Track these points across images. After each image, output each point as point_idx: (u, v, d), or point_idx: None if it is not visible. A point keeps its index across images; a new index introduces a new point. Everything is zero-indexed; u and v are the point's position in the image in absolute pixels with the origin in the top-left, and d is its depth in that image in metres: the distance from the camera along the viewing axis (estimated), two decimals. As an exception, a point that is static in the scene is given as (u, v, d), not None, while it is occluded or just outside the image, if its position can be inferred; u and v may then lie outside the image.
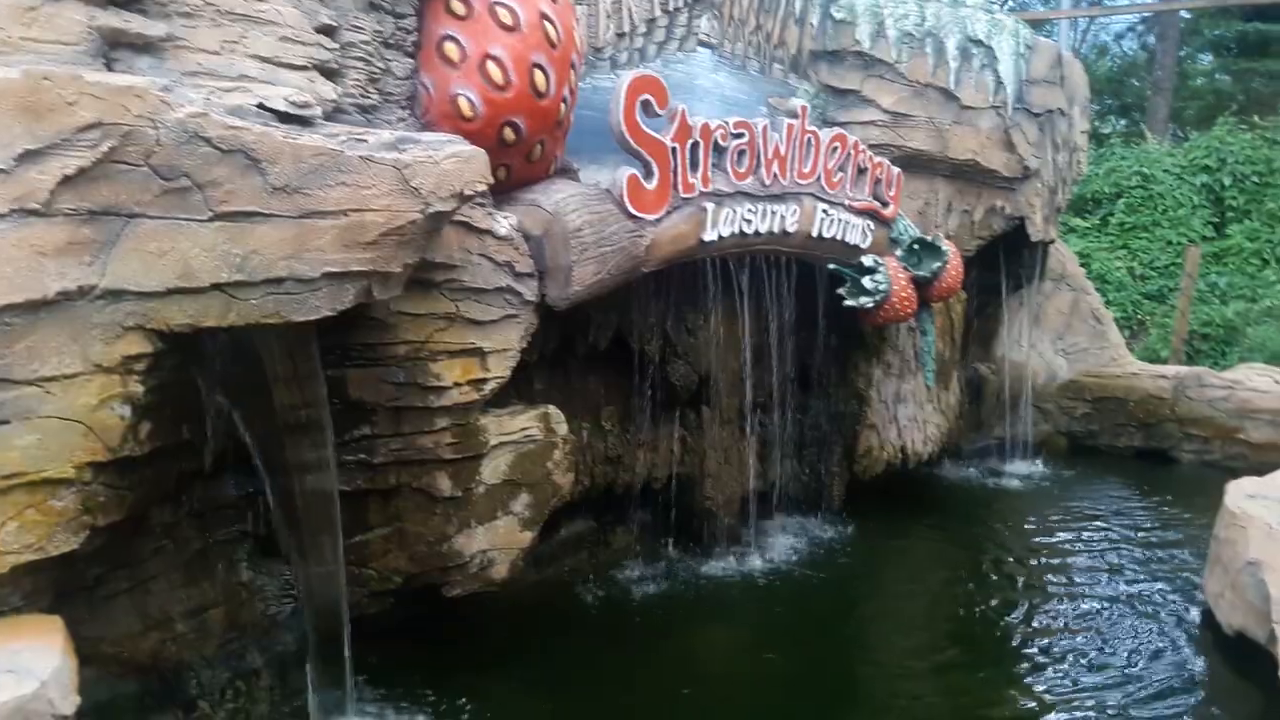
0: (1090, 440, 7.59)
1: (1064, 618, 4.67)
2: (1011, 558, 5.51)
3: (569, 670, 4.01)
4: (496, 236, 3.54)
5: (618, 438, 4.81)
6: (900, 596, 5.18)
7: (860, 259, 5.09)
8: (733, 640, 4.53)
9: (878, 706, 4.00)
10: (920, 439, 6.15)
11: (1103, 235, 13.75)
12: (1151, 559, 5.40)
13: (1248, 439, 6.94)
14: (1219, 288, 12.33)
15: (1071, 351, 7.85)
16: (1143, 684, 4.02)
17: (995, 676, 4.17)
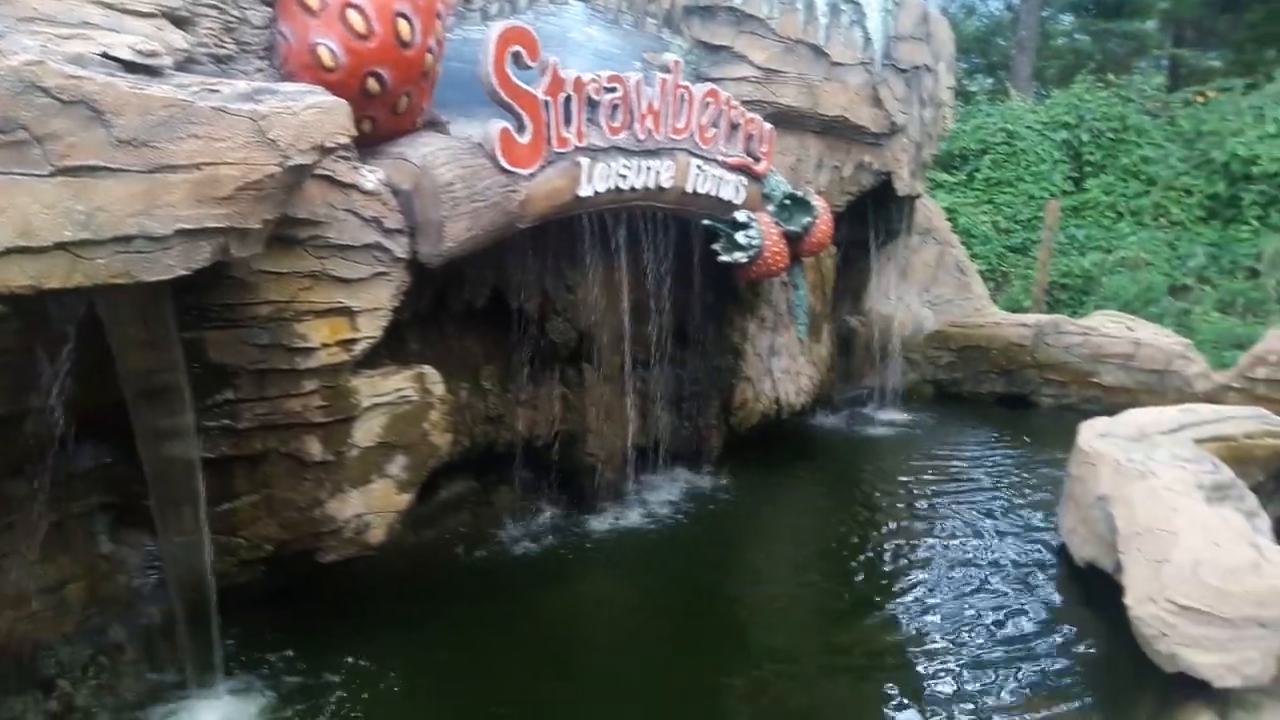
0: (955, 388, 7.87)
1: (931, 556, 4.86)
2: (881, 501, 5.70)
3: (450, 631, 3.98)
4: (363, 191, 3.44)
5: (498, 397, 4.78)
6: (776, 542, 5.31)
7: (734, 215, 5.14)
8: (615, 592, 4.58)
9: (756, 649, 4.10)
10: (794, 390, 6.28)
11: (969, 190, 14.21)
12: (1012, 498, 5.66)
13: (1101, 382, 7.30)
14: (1077, 240, 12.89)
15: (937, 303, 8.11)
16: (1003, 615, 4.24)
17: (866, 614, 4.32)
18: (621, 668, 3.91)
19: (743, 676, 3.82)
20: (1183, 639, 3.08)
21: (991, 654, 3.93)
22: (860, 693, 3.71)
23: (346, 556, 3.75)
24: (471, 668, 3.76)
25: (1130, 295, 11.24)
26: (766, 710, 3.58)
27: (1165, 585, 3.15)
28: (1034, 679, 3.74)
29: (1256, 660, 3.04)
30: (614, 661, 3.96)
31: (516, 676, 3.71)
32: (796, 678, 3.83)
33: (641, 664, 3.94)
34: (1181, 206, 12.89)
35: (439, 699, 3.58)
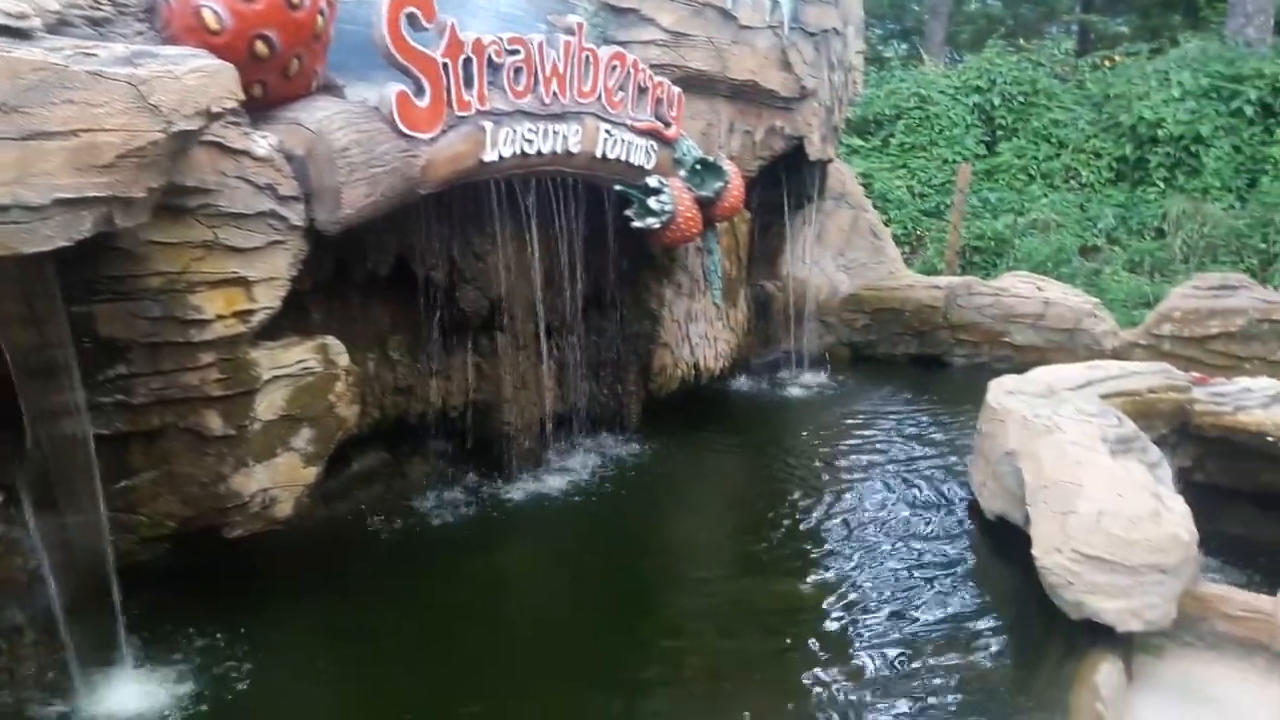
0: (870, 350, 7.97)
1: (847, 514, 4.92)
2: (800, 462, 5.75)
3: (363, 605, 3.93)
4: (255, 157, 3.33)
5: (407, 367, 4.69)
6: (696, 505, 5.34)
7: (645, 180, 5.10)
8: (534, 560, 4.57)
9: (677, 611, 4.13)
10: (712, 355, 6.29)
11: (884, 155, 14.35)
12: (926, 455, 5.76)
13: (1012, 341, 7.45)
14: (990, 203, 13.11)
15: (852, 267, 8.18)
16: (917, 568, 4.32)
17: (785, 572, 4.37)
18: (541, 634, 3.89)
19: (664, 638, 3.84)
20: (1087, 586, 3.15)
21: (907, 607, 4.00)
22: (780, 647, 3.76)
23: (254, 532, 3.68)
24: (386, 641, 3.71)
25: (1042, 256, 11.47)
26: (688, 670, 3.60)
27: (1070, 536, 3.22)
28: (948, 630, 3.81)
29: (1158, 605, 3.13)
30: (534, 629, 3.95)
31: (434, 648, 3.67)
32: (717, 637, 3.85)
33: (561, 630, 3.93)
34: (1091, 169, 13.18)
35: (352, 674, 3.53)
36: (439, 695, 3.37)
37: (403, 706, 3.30)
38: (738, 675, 3.59)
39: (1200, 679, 3.25)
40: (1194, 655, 3.36)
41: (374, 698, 3.38)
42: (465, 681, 3.46)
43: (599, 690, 3.46)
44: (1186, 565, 3.15)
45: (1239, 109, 12.33)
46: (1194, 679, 3.26)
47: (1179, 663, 3.34)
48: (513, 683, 3.46)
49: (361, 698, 3.39)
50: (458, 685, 3.43)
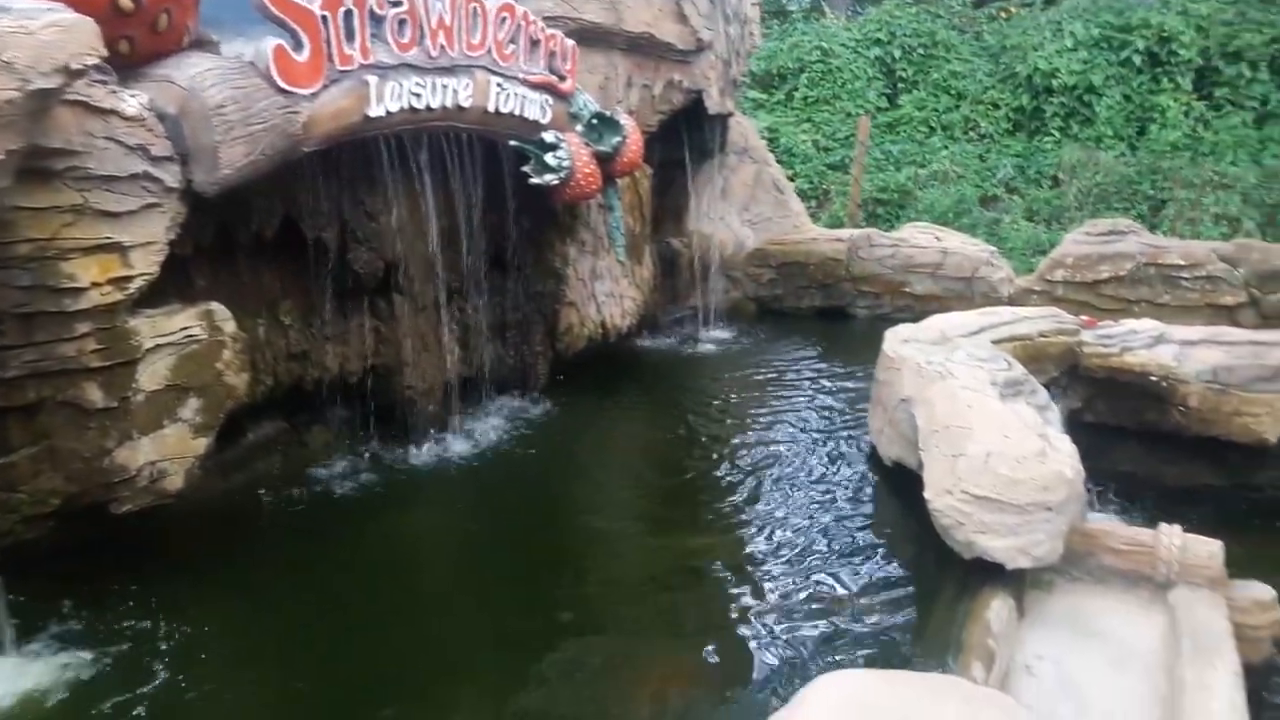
0: (776, 304, 8.02)
1: (755, 466, 4.97)
2: (708, 417, 5.78)
3: (262, 577, 3.84)
4: (124, 117, 3.18)
5: (300, 332, 4.58)
6: (606, 464, 5.34)
7: (541, 135, 5.02)
8: (441, 525, 4.53)
9: (584, 568, 4.13)
10: (619, 313, 6.26)
11: (789, 109, 14.40)
12: (830, 406, 5.84)
13: (912, 291, 7.57)
14: (893, 155, 13.26)
15: (757, 221, 8.21)
16: (822, 516, 4.40)
17: (695, 527, 4.41)
18: (450, 599, 3.87)
19: (575, 597, 3.84)
20: (977, 526, 3.22)
21: (812, 554, 4.07)
22: (689, 600, 3.80)
23: (144, 507, 3.57)
24: (288, 614, 3.64)
25: (944, 207, 11.66)
26: (601, 626, 3.63)
27: (960, 477, 3.29)
28: (851, 574, 3.90)
29: (1044, 542, 3.21)
30: (442, 594, 3.92)
31: (339, 619, 3.61)
32: (629, 591, 3.88)
33: (471, 593, 3.91)
34: (989, 120, 13.40)
35: (252, 650, 3.46)
36: (344, 668, 3.32)
37: (307, 681, 3.25)
38: (650, 627, 3.62)
39: (1087, 611, 3.36)
40: (1082, 589, 3.46)
41: (275, 673, 3.32)
42: (373, 652, 3.40)
43: (510, 652, 3.45)
44: (1072, 502, 3.24)
45: (1128, 59, 12.63)
46: (1081, 612, 3.36)
47: (1068, 597, 3.44)
48: (423, 651, 3.43)
49: (263, 673, 3.32)
50: (364, 656, 3.38)
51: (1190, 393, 4.59)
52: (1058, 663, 3.08)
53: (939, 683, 2.23)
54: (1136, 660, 3.09)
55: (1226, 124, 11.94)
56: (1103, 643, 3.19)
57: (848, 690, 2.06)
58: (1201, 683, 2.79)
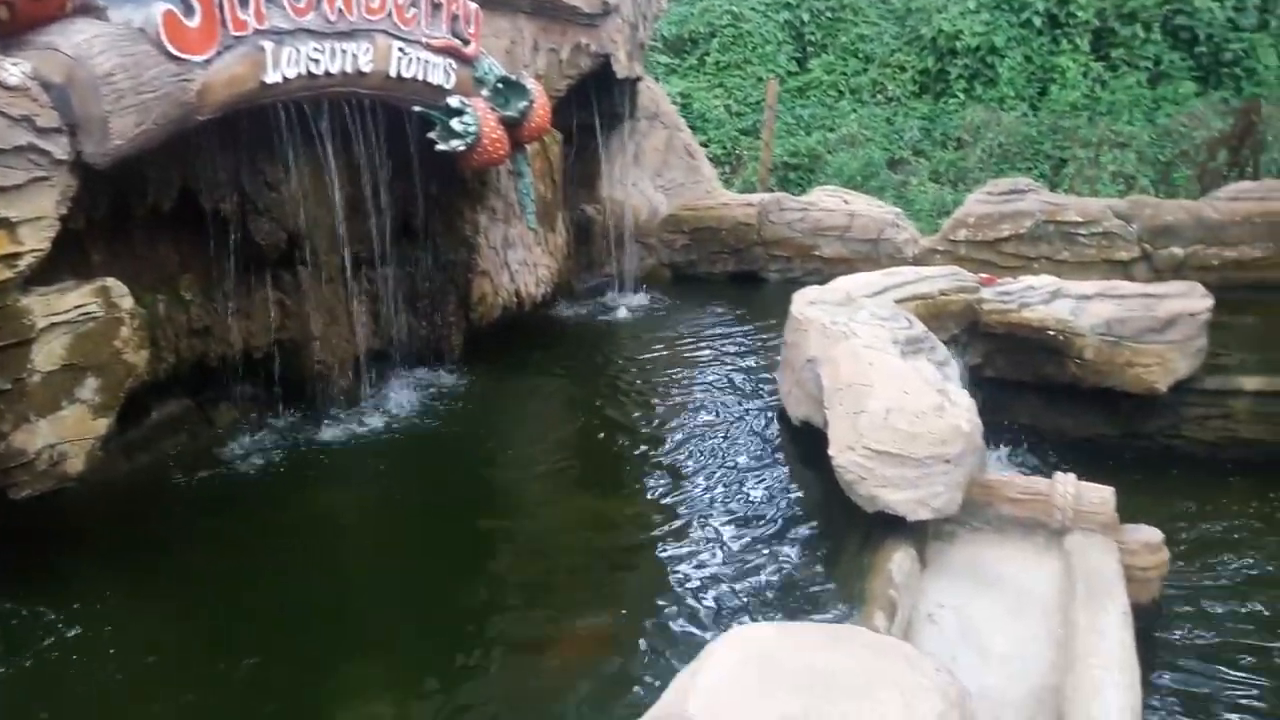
0: (691, 269, 8.06)
1: (670, 429, 5.02)
2: (625, 384, 5.82)
3: (172, 560, 3.77)
4: (6, 87, 3.07)
5: (202, 307, 4.48)
6: (524, 434, 5.33)
7: (446, 101, 4.96)
8: (354, 501, 4.48)
9: (502, 538, 4.15)
10: (533, 281, 6.25)
11: (701, 74, 14.39)
12: (742, 368, 5.91)
13: (822, 254, 7.66)
14: (803, 119, 13.36)
15: (670, 187, 8.22)
16: (734, 476, 4.48)
17: (611, 489, 4.47)
18: (364, 576, 3.86)
19: (494, 566, 3.87)
20: (879, 481, 3.30)
21: (725, 514, 4.14)
22: (604, 564, 3.85)
23: (44, 490, 3.48)
24: (198, 597, 3.58)
25: (853, 170, 11.81)
26: (514, 596, 3.64)
27: (862, 434, 3.36)
28: (763, 532, 3.97)
29: (943, 493, 3.31)
30: (355, 570, 3.90)
31: (250, 600, 3.56)
32: (546, 558, 3.90)
33: (385, 569, 3.90)
34: (896, 82, 13.56)
35: (161, 635, 3.40)
36: (257, 649, 3.28)
37: (218, 665, 3.20)
38: (566, 593, 3.65)
39: (987, 560, 3.48)
40: (982, 538, 3.59)
41: (184, 655, 3.27)
42: (287, 633, 3.38)
43: (425, 623, 3.46)
44: (970, 455, 3.34)
45: (1028, 20, 12.86)
46: (982, 560, 3.48)
47: (968, 546, 3.56)
48: (337, 626, 3.42)
49: (171, 655, 3.26)
50: (278, 638, 3.36)
51: (1085, 346, 4.75)
52: (959, 610, 3.19)
53: (840, 632, 2.30)
54: (1034, 605, 3.22)
55: (1122, 84, 12.27)
56: (1001, 589, 3.31)
57: (750, 644, 2.11)
58: (1093, 624, 2.91)
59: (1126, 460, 4.89)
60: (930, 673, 2.07)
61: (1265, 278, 6.70)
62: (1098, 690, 2.60)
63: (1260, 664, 3.46)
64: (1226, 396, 4.83)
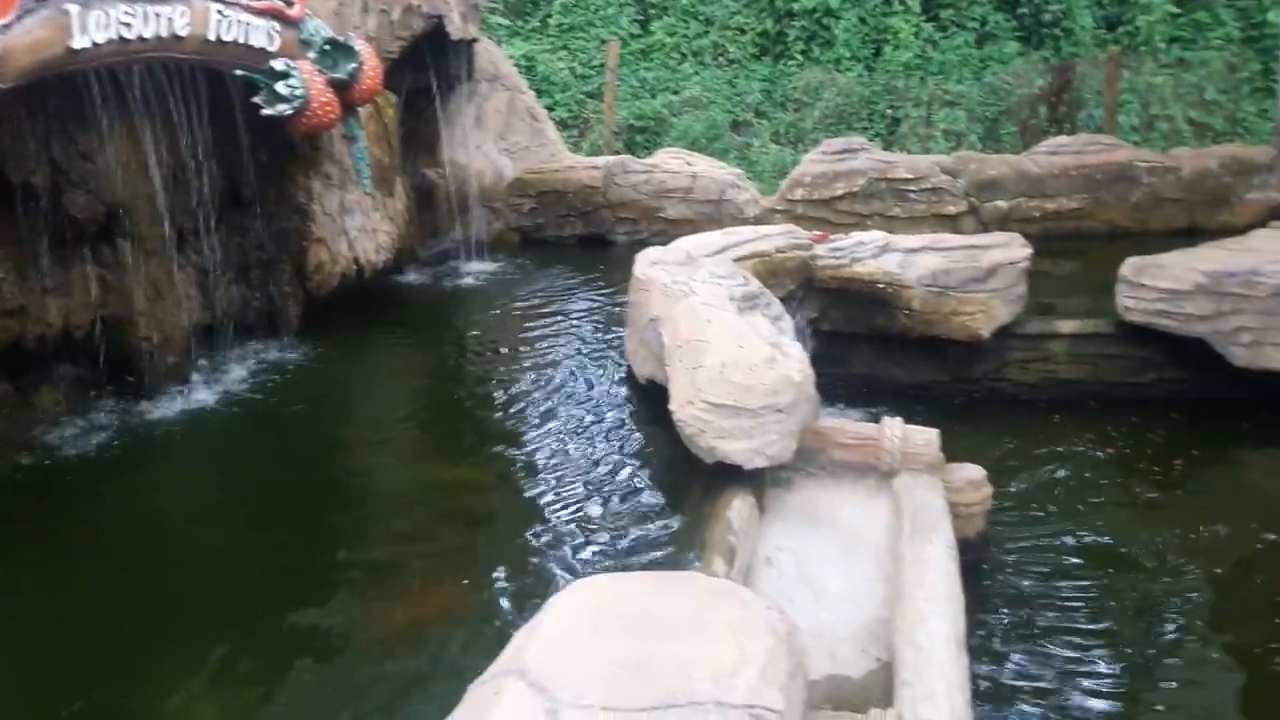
0: (539, 233, 8.02)
1: (520, 393, 5.00)
2: (473, 350, 5.78)
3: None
4: None
5: (15, 285, 4.24)
6: (368, 405, 5.24)
7: (270, 64, 4.79)
8: (188, 482, 4.35)
9: (349, 513, 4.07)
10: (372, 248, 6.11)
11: (544, 37, 14.27)
12: (591, 330, 5.93)
13: (667, 216, 7.73)
14: (648, 82, 13.42)
15: (514, 151, 8.15)
16: (583, 435, 4.51)
17: (462, 457, 4.46)
18: (196, 560, 3.72)
19: (341, 542, 3.78)
20: (717, 432, 3.38)
21: (576, 473, 4.16)
22: (457, 532, 3.84)
23: None
24: (18, 583, 3.42)
25: (698, 133, 11.95)
26: (371, 569, 3.58)
27: (700, 388, 3.43)
28: (612, 489, 4.02)
29: (778, 441, 3.41)
30: (188, 555, 3.76)
31: (79, 592, 3.41)
32: (398, 530, 3.85)
33: (220, 553, 3.76)
34: (737, 45, 13.74)
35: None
36: (91, 644, 3.15)
37: (46, 664, 3.06)
38: (416, 560, 3.62)
39: (823, 503, 3.62)
40: (818, 483, 3.72)
41: (9, 647, 3.12)
42: (119, 626, 3.24)
43: (266, 602, 3.37)
44: (801, 403, 3.45)
45: (863, -18, 13.23)
46: (818, 504, 3.62)
47: (804, 492, 3.69)
48: (169, 616, 3.30)
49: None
50: (110, 631, 3.22)
51: (913, 297, 4.96)
52: (796, 553, 3.31)
53: (675, 579, 2.36)
54: (865, 544, 3.36)
55: (952, 44, 12.75)
56: (836, 530, 3.45)
57: (587, 596, 2.15)
58: (919, 558, 3.06)
59: (956, 404, 5.15)
60: (761, 611, 2.15)
61: (1081, 227, 7.13)
62: (923, 620, 2.73)
63: (1080, 589, 3.71)
64: (1045, 340, 5.14)
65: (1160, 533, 4.04)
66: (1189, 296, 4.73)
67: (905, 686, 2.45)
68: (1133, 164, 7.19)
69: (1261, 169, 7.18)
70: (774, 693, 1.91)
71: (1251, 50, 12.11)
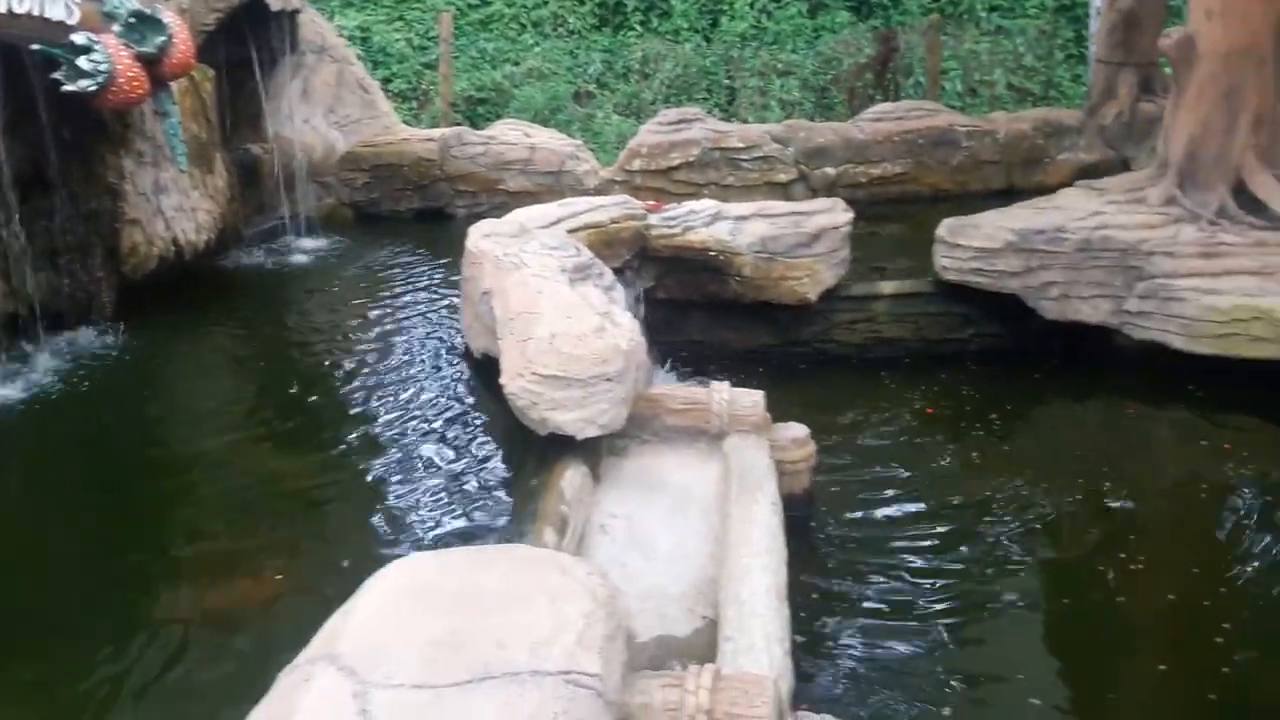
0: (374, 208, 7.84)
1: (355, 373, 4.92)
2: (306, 331, 5.64)
3: None
4: None
5: None
6: (194, 394, 5.04)
7: (70, 38, 4.52)
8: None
9: (168, 508, 3.94)
10: (192, 229, 5.85)
11: (379, 7, 13.86)
12: (428, 306, 5.85)
13: (506, 188, 7.66)
14: (488, 53, 13.20)
15: (345, 124, 7.93)
16: (421, 413, 4.48)
17: (301, 443, 4.34)
18: (16, 568, 3.52)
19: (158, 537, 3.65)
20: (549, 404, 3.38)
21: (414, 453, 4.13)
22: (291, 518, 3.76)
23: None
24: None
25: (540, 104, 11.84)
26: (184, 566, 3.48)
27: (530, 360, 3.42)
28: (455, 466, 4.01)
29: (608, 410, 3.43)
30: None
31: None
32: (222, 524, 3.73)
33: (32, 558, 3.57)
34: (576, 15, 13.63)
35: None
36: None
37: None
38: (252, 554, 3.51)
39: (656, 468, 3.67)
40: (651, 449, 3.78)
41: None
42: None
43: (88, 603, 3.23)
44: (631, 372, 3.48)
45: (698, -48, 13.30)
46: (652, 469, 3.67)
47: (640, 458, 3.74)
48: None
49: None
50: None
51: (744, 263, 5.07)
52: (629, 518, 3.35)
53: (495, 552, 2.36)
54: (696, 505, 3.43)
55: (786, 14, 12.96)
56: (668, 494, 3.50)
57: (402, 576, 2.12)
58: (744, 516, 3.14)
59: (788, 366, 5.30)
60: (581, 578, 2.18)
61: (906, 191, 7.40)
62: (746, 574, 2.82)
63: (900, 534, 3.90)
64: (869, 301, 5.33)
65: (979, 484, 4.26)
66: (1000, 254, 4.98)
67: (727, 641, 2.53)
68: (953, 128, 7.51)
69: (1071, 131, 7.60)
70: (591, 657, 1.93)
71: (1064, 19, 12.73)
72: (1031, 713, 2.98)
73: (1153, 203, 5.32)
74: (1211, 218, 5.15)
